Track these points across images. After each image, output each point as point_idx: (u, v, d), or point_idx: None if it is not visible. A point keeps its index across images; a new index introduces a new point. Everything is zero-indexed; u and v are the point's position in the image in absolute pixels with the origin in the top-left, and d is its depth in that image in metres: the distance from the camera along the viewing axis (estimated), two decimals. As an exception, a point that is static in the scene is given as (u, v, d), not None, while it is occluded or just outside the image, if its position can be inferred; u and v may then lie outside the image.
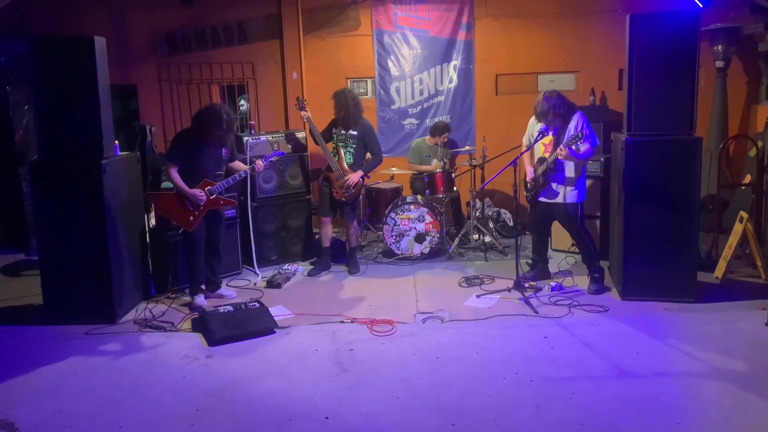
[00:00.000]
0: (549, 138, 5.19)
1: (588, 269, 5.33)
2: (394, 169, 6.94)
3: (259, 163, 5.38)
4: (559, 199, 5.21)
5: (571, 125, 5.07)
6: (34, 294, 5.27)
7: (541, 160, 5.24)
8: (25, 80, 6.55)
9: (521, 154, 5.34)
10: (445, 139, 6.93)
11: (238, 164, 5.44)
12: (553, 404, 3.51)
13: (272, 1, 7.55)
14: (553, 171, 5.16)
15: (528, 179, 5.38)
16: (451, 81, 7.69)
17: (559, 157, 5.01)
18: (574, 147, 4.95)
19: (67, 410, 3.61)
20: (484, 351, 4.22)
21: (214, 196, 5.11)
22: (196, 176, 5.05)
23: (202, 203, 5.04)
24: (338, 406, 3.56)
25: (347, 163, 5.88)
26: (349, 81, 7.79)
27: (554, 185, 5.21)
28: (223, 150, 5.21)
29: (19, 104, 6.95)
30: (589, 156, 5.11)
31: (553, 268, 5.79)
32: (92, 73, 4.70)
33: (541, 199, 5.31)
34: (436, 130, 6.98)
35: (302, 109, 5.92)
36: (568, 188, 5.17)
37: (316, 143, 5.91)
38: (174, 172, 4.97)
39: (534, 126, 5.35)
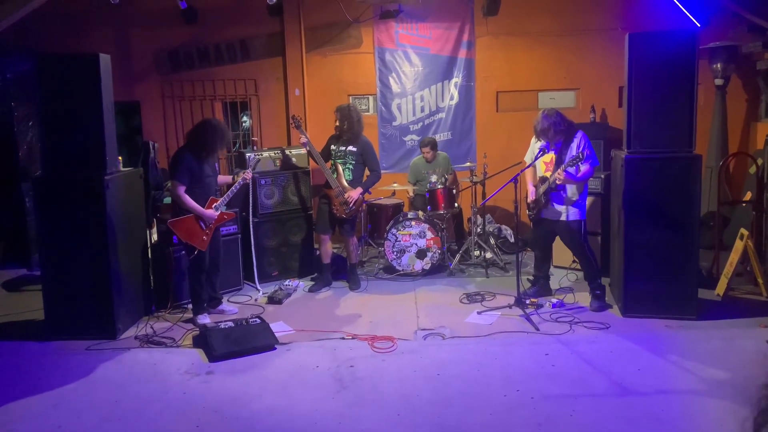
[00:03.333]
0: (550, 156, 5.21)
1: (589, 286, 5.33)
2: (395, 185, 6.97)
3: (248, 173, 5.45)
4: (562, 218, 5.22)
5: (574, 144, 5.09)
6: (35, 309, 5.28)
7: (543, 179, 5.25)
8: (30, 97, 6.62)
9: (521, 171, 5.36)
10: (428, 154, 6.95)
11: (221, 177, 5.47)
12: (554, 422, 3.50)
13: (275, 19, 7.63)
14: (554, 190, 5.18)
15: (529, 200, 5.39)
16: (452, 98, 7.75)
17: (558, 182, 5.03)
18: (572, 169, 4.97)
19: (67, 426, 3.60)
20: (484, 368, 4.21)
21: (220, 211, 5.13)
22: (203, 193, 5.07)
23: (214, 221, 5.07)
24: (338, 424, 3.55)
25: (347, 180, 5.90)
26: (350, 98, 7.84)
27: (556, 205, 5.22)
28: (216, 164, 5.26)
29: (23, 120, 7.00)
30: (588, 177, 5.13)
31: (554, 284, 5.78)
32: (97, 90, 4.75)
33: (544, 217, 5.33)
34: (421, 144, 7.04)
35: (298, 127, 5.94)
36: (569, 207, 5.18)
37: (316, 162, 5.94)
38: (184, 193, 4.96)
39: (535, 144, 5.38)
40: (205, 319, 5.10)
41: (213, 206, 5.08)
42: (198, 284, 5.14)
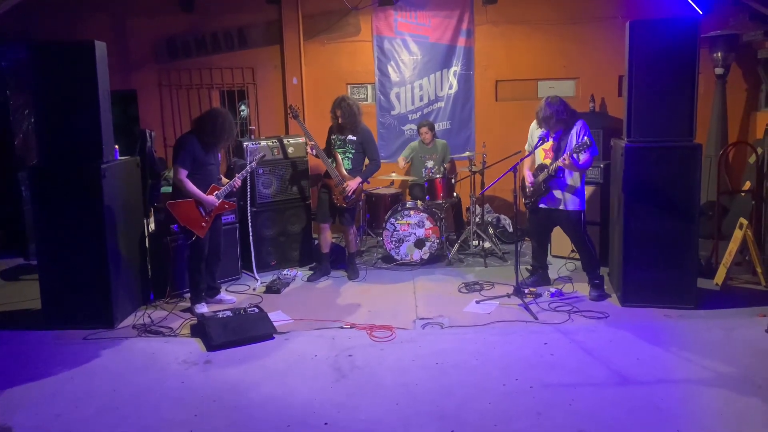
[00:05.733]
0: (549, 144, 5.18)
1: (588, 276, 5.32)
2: (393, 174, 6.95)
3: (253, 164, 5.51)
4: (561, 206, 5.20)
5: (573, 132, 5.06)
6: (32, 298, 5.27)
7: (542, 166, 5.23)
8: (26, 85, 6.56)
9: (521, 159, 5.33)
10: (427, 135, 6.99)
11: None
12: (553, 411, 3.50)
13: (272, 6, 7.57)
14: (553, 178, 5.15)
15: (528, 184, 5.36)
16: (451, 87, 7.71)
17: (562, 166, 4.99)
18: (576, 155, 4.94)
19: (65, 415, 3.60)
20: (483, 357, 4.21)
21: (221, 200, 5.11)
22: (204, 180, 5.04)
23: (215, 209, 5.05)
24: (337, 413, 3.55)
25: (346, 169, 5.88)
26: (349, 87, 7.80)
27: (555, 192, 5.20)
28: (219, 154, 5.25)
29: (19, 109, 6.95)
30: (588, 166, 5.10)
31: (552, 274, 5.78)
32: (92, 78, 4.71)
33: (542, 205, 5.30)
34: (419, 125, 7.15)
35: (295, 117, 5.93)
36: (569, 195, 5.16)
37: (317, 156, 5.91)
38: (186, 178, 4.93)
39: (535, 131, 5.35)
40: (202, 308, 5.09)
41: (214, 194, 5.06)
42: (197, 272, 5.12)
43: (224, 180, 5.31)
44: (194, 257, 5.10)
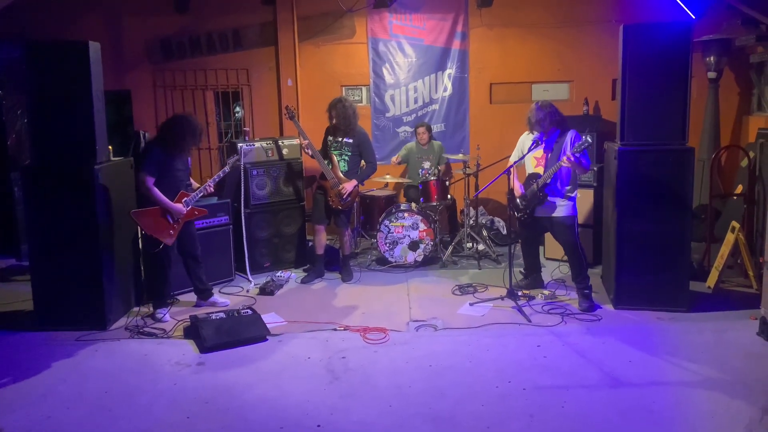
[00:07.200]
0: (540, 152, 5.13)
1: (578, 286, 5.18)
2: (388, 176, 6.95)
3: (227, 169, 5.40)
4: (554, 213, 5.14)
5: (567, 139, 5.01)
6: (24, 299, 5.25)
7: (533, 175, 5.17)
8: (19, 85, 6.54)
9: (510, 166, 5.25)
10: (424, 135, 7.06)
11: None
12: (546, 413, 3.51)
13: (267, 8, 7.57)
14: (548, 185, 5.09)
15: (518, 196, 5.29)
16: (445, 89, 7.72)
17: (564, 164, 4.88)
18: (576, 154, 4.89)
19: (56, 417, 3.58)
20: (477, 359, 4.21)
21: (190, 207, 5.06)
22: (172, 188, 4.98)
23: (183, 216, 5.00)
24: (330, 414, 3.55)
25: (342, 171, 5.88)
26: (343, 88, 7.80)
27: (550, 199, 5.13)
28: (188, 159, 5.20)
29: (12, 109, 6.92)
30: (587, 169, 5.05)
31: (546, 276, 5.79)
32: (86, 78, 4.70)
33: (537, 215, 5.19)
34: (417, 125, 7.25)
35: (291, 118, 5.92)
36: (562, 201, 5.09)
37: (312, 156, 5.90)
38: (153, 186, 4.86)
39: (525, 140, 5.29)
40: (164, 314, 5.04)
41: (183, 201, 5.01)
42: (164, 278, 5.07)
43: (195, 185, 5.25)
44: (162, 264, 5.03)
